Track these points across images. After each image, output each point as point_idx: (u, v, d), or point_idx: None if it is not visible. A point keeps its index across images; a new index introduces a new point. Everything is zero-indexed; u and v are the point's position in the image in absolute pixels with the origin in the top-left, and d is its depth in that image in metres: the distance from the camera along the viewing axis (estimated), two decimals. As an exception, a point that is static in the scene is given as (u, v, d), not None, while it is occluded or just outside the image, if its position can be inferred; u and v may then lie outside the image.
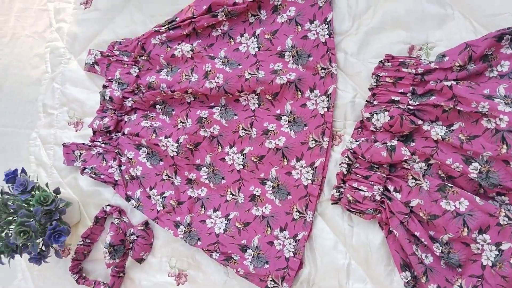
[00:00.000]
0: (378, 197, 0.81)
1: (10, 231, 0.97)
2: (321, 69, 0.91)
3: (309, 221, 0.90)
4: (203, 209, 1.00)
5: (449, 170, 0.77)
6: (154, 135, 1.03)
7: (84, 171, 1.10)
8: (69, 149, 1.15)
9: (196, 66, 1.01)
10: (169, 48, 1.06)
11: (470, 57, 0.77)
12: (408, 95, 0.82)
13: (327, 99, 0.90)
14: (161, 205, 1.02)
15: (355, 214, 0.85)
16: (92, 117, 1.16)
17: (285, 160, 0.93)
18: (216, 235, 0.96)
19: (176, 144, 1.00)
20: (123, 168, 1.08)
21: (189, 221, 0.99)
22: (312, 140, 0.91)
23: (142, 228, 1.04)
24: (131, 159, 1.06)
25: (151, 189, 1.04)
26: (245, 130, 0.97)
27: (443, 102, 0.77)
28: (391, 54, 0.85)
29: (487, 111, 0.72)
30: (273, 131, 0.94)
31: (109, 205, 1.09)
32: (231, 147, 0.99)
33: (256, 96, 0.97)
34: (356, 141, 0.85)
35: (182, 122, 1.03)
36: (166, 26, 1.06)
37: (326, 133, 0.90)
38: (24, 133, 1.31)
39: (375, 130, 0.84)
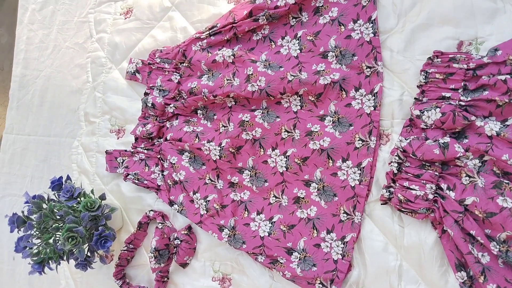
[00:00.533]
0: (431, 196, 0.79)
1: (57, 237, 0.99)
2: (366, 68, 0.91)
3: (357, 222, 0.88)
4: (246, 212, 1.00)
5: (505, 166, 0.75)
6: (197, 139, 1.04)
7: (127, 177, 1.12)
8: (111, 156, 1.17)
9: (238, 70, 1.02)
10: (210, 54, 1.07)
11: (525, 50, 0.75)
12: (459, 91, 0.80)
13: (374, 98, 0.89)
14: (204, 209, 1.02)
15: (407, 214, 0.83)
16: (134, 124, 1.18)
17: (331, 161, 0.92)
18: (261, 238, 0.96)
19: (219, 148, 1.01)
20: (165, 173, 1.09)
21: (233, 225, 0.99)
22: (358, 140, 0.90)
23: (186, 232, 1.04)
24: (174, 164, 1.07)
25: (194, 193, 1.04)
26: (288, 132, 0.97)
27: (497, 96, 0.75)
28: (440, 50, 0.84)
29: (545, 104, 0.70)
30: (317, 132, 0.94)
31: (152, 210, 1.10)
32: (273, 149, 0.99)
33: (298, 98, 0.97)
34: (406, 139, 0.84)
35: (224, 126, 1.03)
36: (207, 32, 1.08)
37: (373, 132, 0.89)
38: (66, 141, 1.34)
39: (425, 127, 0.82)
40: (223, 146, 1.00)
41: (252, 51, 1.04)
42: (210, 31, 1.08)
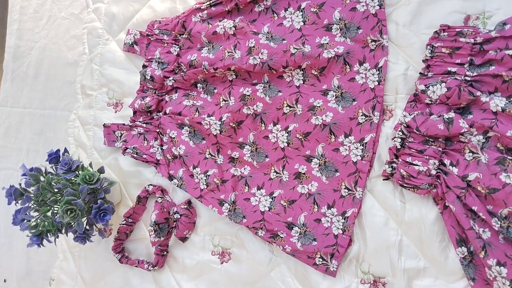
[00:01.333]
0: (433, 172, 0.80)
1: (56, 210, 0.99)
2: (371, 42, 0.90)
3: (358, 198, 0.89)
4: (246, 187, 1.00)
5: (509, 142, 0.75)
6: (197, 113, 1.03)
7: (126, 151, 1.11)
8: (109, 130, 1.16)
9: (239, 42, 1.00)
10: (210, 25, 1.06)
11: (533, 25, 0.75)
12: (465, 65, 0.80)
13: (378, 72, 0.89)
14: (204, 183, 1.02)
15: (409, 189, 0.83)
16: (132, 97, 1.17)
17: (333, 137, 0.92)
18: (261, 212, 0.96)
19: (219, 122, 1.00)
20: (165, 147, 1.09)
21: (233, 199, 0.99)
22: (361, 115, 0.89)
23: (185, 207, 1.04)
24: (173, 138, 1.06)
25: (194, 167, 1.04)
26: (290, 106, 0.96)
27: (504, 72, 0.75)
28: (447, 24, 0.82)
29: (553, 80, 0.70)
30: (319, 107, 0.93)
31: (151, 184, 1.10)
32: (275, 124, 0.98)
33: (301, 72, 0.96)
34: (410, 114, 0.84)
35: (225, 100, 1.02)
36: (208, 3, 1.06)
37: (377, 108, 0.88)
38: (62, 115, 1.33)
39: (430, 102, 0.82)
40: (223, 121, 1.00)
41: (254, 22, 1.03)
42: (211, 2, 1.06)
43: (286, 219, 0.94)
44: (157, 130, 1.10)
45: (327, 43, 0.92)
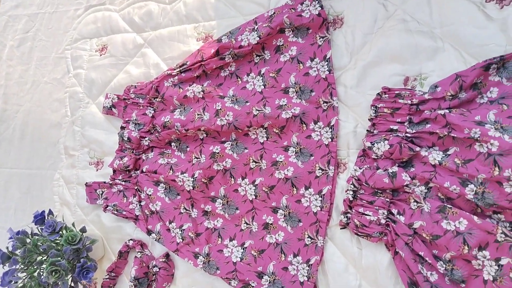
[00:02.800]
0: (383, 221, 0.88)
1: (42, 271, 1.06)
2: (323, 103, 1.00)
3: (320, 246, 0.97)
4: (220, 239, 1.08)
5: (448, 192, 0.84)
6: (171, 171, 1.12)
7: (107, 208, 1.20)
8: (91, 188, 1.25)
9: (207, 105, 1.10)
10: (181, 90, 1.16)
11: (461, 87, 0.84)
12: (405, 124, 0.89)
13: (331, 130, 0.98)
14: (180, 237, 1.10)
15: (363, 237, 0.91)
16: (112, 156, 1.26)
17: (295, 189, 1.01)
18: (234, 263, 1.04)
19: (192, 179, 1.09)
20: (143, 203, 1.17)
21: (207, 251, 1.07)
22: (318, 169, 0.98)
23: (164, 260, 1.11)
24: (150, 195, 1.15)
25: (170, 222, 1.12)
26: (256, 162, 1.05)
27: (438, 129, 0.84)
28: (388, 87, 0.93)
29: (479, 137, 0.79)
30: (281, 162, 1.03)
31: (131, 239, 1.18)
32: (243, 178, 1.07)
33: (264, 130, 1.05)
34: (360, 168, 0.93)
35: (196, 158, 1.11)
36: (178, 69, 1.16)
37: (331, 162, 0.97)
38: (47, 174, 1.41)
39: (376, 157, 0.91)
40: (196, 177, 1.08)
41: (221, 86, 1.13)
42: (181, 68, 1.16)
43: (257, 268, 1.02)
44: (135, 188, 1.18)
45: (285, 105, 1.02)
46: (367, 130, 0.95)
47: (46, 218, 1.13)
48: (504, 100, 0.84)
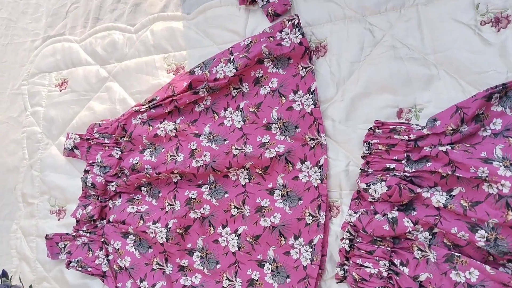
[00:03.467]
0: (385, 274, 0.79)
1: None
2: (310, 140, 0.91)
3: None
4: None
5: (455, 239, 0.75)
6: (141, 221, 1.01)
7: (70, 264, 1.07)
8: (52, 242, 1.12)
9: (181, 144, 1.00)
10: (151, 127, 1.05)
11: (462, 119, 0.77)
12: (403, 162, 0.81)
13: (319, 170, 0.89)
14: None
15: (363, 292, 0.82)
16: (75, 203, 1.14)
17: (283, 239, 0.90)
18: None
19: (165, 230, 0.97)
20: (110, 258, 1.05)
21: None
22: (308, 216, 0.89)
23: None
24: (118, 249, 1.03)
25: (141, 280, 1.00)
26: (238, 208, 0.95)
27: (440, 168, 0.76)
28: (381, 121, 0.85)
29: (487, 176, 0.71)
30: (267, 207, 0.92)
31: (98, 299, 1.05)
32: (224, 227, 0.96)
33: (246, 171, 0.95)
34: (356, 213, 0.84)
35: (170, 205, 1.00)
36: (147, 105, 1.06)
37: (322, 207, 0.88)
38: (4, 224, 1.28)
39: (373, 200, 0.82)
40: (169, 228, 0.97)
41: (195, 123, 1.03)
42: (150, 104, 1.06)
43: None
44: (102, 240, 1.06)
45: (268, 142, 0.93)
46: (360, 169, 0.86)
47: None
48: (510, 133, 0.76)
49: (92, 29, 1.25)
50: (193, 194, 0.97)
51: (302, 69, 0.93)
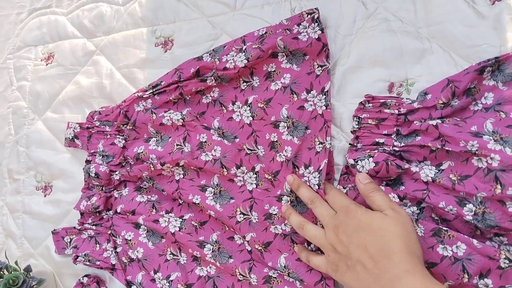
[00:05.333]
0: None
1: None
2: (318, 144, 0.89)
3: None
4: None
5: (443, 213, 0.77)
6: (154, 210, 1.01)
7: (77, 259, 1.06)
8: (58, 236, 1.11)
9: (189, 135, 0.98)
10: (155, 115, 1.02)
11: (453, 93, 0.78)
12: (392, 136, 0.82)
13: (319, 175, 0.86)
14: None
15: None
16: (62, 180, 1.15)
17: (294, 245, 0.89)
18: None
19: (180, 220, 0.98)
20: (119, 249, 1.05)
21: None
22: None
23: (124, 298, 1.01)
24: (130, 240, 1.03)
25: (155, 272, 1.00)
26: (244, 214, 0.93)
27: (430, 142, 0.77)
28: (371, 95, 0.85)
29: (477, 150, 0.72)
30: (276, 214, 0.91)
31: (86, 275, 1.06)
32: (236, 234, 0.96)
33: (254, 175, 0.94)
34: (344, 188, 0.85)
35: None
36: (151, 91, 1.03)
37: None
38: (-11, 201, 1.29)
39: (361, 176, 0.83)
40: (185, 219, 0.98)
41: (203, 115, 1.01)
42: (154, 90, 1.03)
43: None
44: (109, 232, 1.06)
45: (276, 141, 0.92)
46: (349, 144, 0.87)
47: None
48: (501, 107, 0.77)
49: (79, 1, 1.24)
50: (197, 199, 0.96)
51: (318, 67, 0.91)
